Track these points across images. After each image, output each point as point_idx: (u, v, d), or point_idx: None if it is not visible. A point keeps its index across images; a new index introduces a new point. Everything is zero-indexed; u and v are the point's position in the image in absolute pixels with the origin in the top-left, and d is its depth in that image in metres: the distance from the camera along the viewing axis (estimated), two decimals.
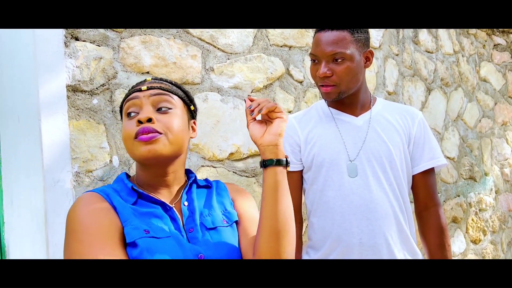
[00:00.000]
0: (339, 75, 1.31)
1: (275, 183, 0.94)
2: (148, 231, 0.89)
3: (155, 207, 0.96)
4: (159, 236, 0.90)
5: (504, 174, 3.47)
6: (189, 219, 0.98)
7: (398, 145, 1.39)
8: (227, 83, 1.68)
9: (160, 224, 0.93)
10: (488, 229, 3.21)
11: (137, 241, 0.87)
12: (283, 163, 0.96)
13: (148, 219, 0.93)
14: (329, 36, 1.31)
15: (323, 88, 1.34)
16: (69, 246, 0.86)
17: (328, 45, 1.30)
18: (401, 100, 2.55)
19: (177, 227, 0.95)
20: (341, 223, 1.35)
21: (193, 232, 0.96)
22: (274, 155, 0.96)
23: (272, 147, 0.96)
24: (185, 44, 1.57)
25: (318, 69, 1.32)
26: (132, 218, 0.91)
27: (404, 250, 1.39)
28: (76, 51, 1.32)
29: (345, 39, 1.30)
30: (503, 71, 3.58)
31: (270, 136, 0.96)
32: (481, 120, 3.29)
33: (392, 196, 1.37)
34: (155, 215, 0.94)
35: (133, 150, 0.93)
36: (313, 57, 1.35)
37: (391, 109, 1.46)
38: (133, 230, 0.88)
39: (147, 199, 0.97)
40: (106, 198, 0.93)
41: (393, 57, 2.50)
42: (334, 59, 1.30)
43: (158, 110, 0.96)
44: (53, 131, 1.25)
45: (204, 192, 1.07)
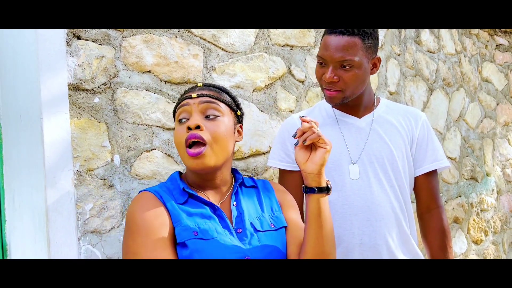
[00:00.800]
0: (345, 81, 1.30)
1: (317, 209, 0.99)
2: (196, 232, 0.95)
3: (204, 208, 1.02)
4: (206, 237, 0.95)
5: (506, 174, 3.46)
6: (238, 219, 1.04)
7: (400, 146, 1.38)
8: (228, 83, 1.68)
9: (208, 225, 0.98)
10: (490, 229, 3.20)
11: (187, 242, 0.94)
12: (324, 191, 1.00)
13: (198, 220, 0.98)
14: (339, 41, 1.27)
15: (328, 92, 1.33)
16: (125, 243, 0.96)
17: (338, 50, 1.27)
18: (402, 100, 2.54)
19: (226, 226, 1.01)
20: (341, 223, 1.35)
21: (241, 232, 1.01)
22: (316, 183, 1.00)
23: (314, 176, 0.99)
24: (186, 43, 1.57)
25: (325, 72, 1.31)
26: (182, 218, 0.97)
27: (404, 251, 1.39)
28: (78, 49, 1.32)
29: (355, 46, 1.27)
30: (505, 72, 3.57)
31: (313, 165, 0.99)
32: (483, 121, 3.28)
33: (393, 197, 1.37)
34: (204, 215, 1.00)
35: (184, 159, 1.02)
36: (320, 60, 1.32)
37: (395, 110, 1.45)
38: (183, 231, 0.95)
39: (197, 199, 1.03)
40: (159, 198, 1.00)
41: (395, 57, 2.50)
42: (342, 65, 1.28)
43: (206, 117, 1.02)
44: (54, 129, 1.25)
45: (252, 192, 1.12)
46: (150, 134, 1.46)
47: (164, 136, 1.49)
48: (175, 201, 1.01)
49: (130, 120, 1.42)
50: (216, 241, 0.95)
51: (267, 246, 1.01)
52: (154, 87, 1.48)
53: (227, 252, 0.94)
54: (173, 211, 0.98)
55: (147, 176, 1.44)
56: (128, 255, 0.94)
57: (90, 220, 1.31)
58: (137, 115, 1.43)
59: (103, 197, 1.34)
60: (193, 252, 0.93)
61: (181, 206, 1.00)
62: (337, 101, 1.34)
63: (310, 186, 1.00)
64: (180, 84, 1.55)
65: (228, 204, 1.07)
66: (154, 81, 1.48)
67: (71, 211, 1.26)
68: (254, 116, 1.75)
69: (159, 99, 1.48)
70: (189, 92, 1.09)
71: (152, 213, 0.96)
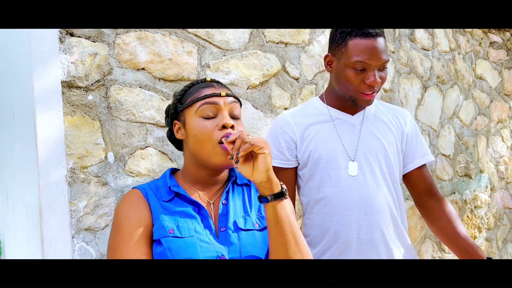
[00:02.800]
0: (383, 81, 1.34)
1: (275, 217, 0.95)
2: (172, 230, 0.96)
3: (188, 206, 1.02)
4: (183, 236, 0.96)
5: (500, 171, 3.48)
6: (223, 218, 1.04)
7: (392, 142, 1.42)
8: (223, 80, 1.68)
9: (188, 223, 0.99)
10: (483, 226, 3.22)
11: (162, 239, 0.95)
12: (280, 197, 0.95)
13: (178, 218, 0.99)
14: (379, 43, 1.28)
15: (367, 95, 1.33)
16: (109, 240, 0.98)
17: (382, 53, 1.29)
18: (397, 98, 2.55)
19: (207, 225, 1.01)
20: (339, 218, 1.36)
21: (224, 231, 1.01)
22: (269, 190, 0.95)
23: (264, 183, 0.95)
24: (180, 40, 1.57)
25: (365, 77, 1.30)
26: (162, 216, 0.98)
27: (399, 244, 1.41)
28: (71, 47, 1.31)
29: (386, 47, 1.32)
30: (499, 69, 3.59)
31: (259, 174, 0.94)
32: (476, 118, 3.30)
33: (388, 191, 1.40)
34: (186, 214, 1.00)
35: (212, 155, 1.00)
36: (360, 66, 1.29)
37: (384, 108, 1.51)
38: (160, 229, 0.97)
39: (183, 198, 1.04)
40: (144, 196, 1.02)
41: (389, 54, 2.50)
42: (382, 67, 1.31)
43: (231, 118, 1.04)
44: (48, 127, 1.25)
45: (244, 190, 1.13)
46: (144, 131, 1.46)
47: (158, 133, 1.48)
48: (160, 198, 1.02)
49: (124, 118, 1.42)
50: (191, 239, 0.96)
51: (246, 246, 0.99)
52: (148, 85, 1.48)
53: (202, 251, 0.95)
54: (154, 209, 1.00)
55: (141, 174, 1.44)
56: (110, 252, 0.96)
57: (84, 218, 1.31)
58: (131, 112, 1.43)
59: (97, 195, 1.33)
60: (166, 250, 0.94)
61: (165, 204, 1.01)
62: (372, 102, 1.37)
63: (264, 195, 0.95)
64: (174, 81, 1.54)
65: (219, 202, 1.08)
66: (148, 79, 1.48)
67: (65, 208, 1.26)
68: (249, 114, 1.76)
69: (153, 96, 1.48)
70: (208, 87, 1.06)
71: (134, 211, 0.98)
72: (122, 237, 0.95)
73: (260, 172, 0.94)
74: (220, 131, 1.00)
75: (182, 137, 1.09)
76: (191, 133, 1.03)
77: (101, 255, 1.33)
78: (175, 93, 1.14)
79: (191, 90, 1.09)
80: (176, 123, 1.10)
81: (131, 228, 0.95)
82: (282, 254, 0.94)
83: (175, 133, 1.11)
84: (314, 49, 2.03)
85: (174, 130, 1.11)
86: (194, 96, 1.06)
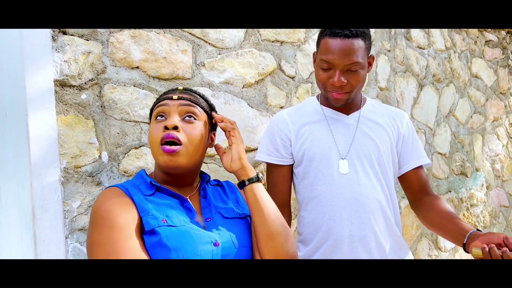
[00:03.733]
0: (353, 83, 1.31)
1: (254, 196, 1.07)
2: (165, 220, 0.98)
3: (171, 199, 1.05)
4: (176, 225, 0.98)
5: (495, 169, 3.49)
6: (206, 209, 1.09)
7: (386, 143, 1.43)
8: (218, 78, 1.67)
9: (176, 215, 1.01)
10: (479, 224, 3.23)
11: (156, 229, 0.96)
12: (255, 180, 1.09)
13: (165, 210, 1.01)
14: (346, 44, 1.26)
15: (335, 94, 1.34)
16: (91, 236, 0.95)
17: (346, 54, 1.26)
18: (393, 96, 2.55)
19: (193, 217, 1.04)
20: (331, 216, 1.37)
21: (210, 221, 1.06)
22: (245, 176, 1.10)
23: (240, 171, 1.11)
24: (175, 38, 1.56)
25: (331, 76, 1.31)
26: (150, 208, 0.99)
27: (391, 242, 1.42)
28: (64, 45, 1.30)
29: (360, 48, 1.27)
30: (495, 67, 3.59)
31: (235, 163, 1.11)
32: (472, 116, 3.30)
33: (380, 190, 1.40)
34: (172, 206, 1.03)
35: (157, 156, 1.05)
36: (325, 64, 1.30)
37: (380, 109, 1.51)
38: (151, 220, 0.97)
39: (165, 192, 1.06)
40: (125, 192, 1.02)
41: (385, 53, 2.50)
42: (349, 68, 1.29)
43: (183, 119, 1.07)
44: (40, 126, 1.23)
45: (218, 189, 1.19)
46: (138, 130, 1.45)
47: None
48: (142, 193, 1.03)
49: (118, 117, 1.40)
50: (184, 227, 0.98)
51: (236, 230, 1.06)
52: (142, 83, 1.47)
53: (196, 237, 0.97)
54: (140, 202, 1.00)
55: (135, 173, 1.42)
56: (93, 248, 0.94)
57: (77, 218, 1.30)
58: (125, 111, 1.42)
59: (90, 195, 1.32)
60: (163, 238, 0.94)
61: (149, 198, 1.03)
62: (342, 102, 1.36)
63: (243, 180, 1.10)
64: (168, 80, 1.53)
65: (197, 198, 1.12)
66: (142, 77, 1.47)
67: (58, 208, 1.25)
68: (244, 112, 1.75)
69: (148, 95, 1.47)
70: (169, 93, 1.12)
71: (118, 205, 0.97)
72: (109, 231, 0.93)
73: (235, 161, 1.11)
74: (163, 132, 1.04)
75: None
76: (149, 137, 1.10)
77: None
78: None
79: (160, 96, 1.15)
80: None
81: (118, 222, 0.94)
82: (267, 229, 1.03)
83: None
84: (309, 48, 2.02)
85: None
86: (157, 100, 1.12)
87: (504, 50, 3.70)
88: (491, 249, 1.12)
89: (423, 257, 2.73)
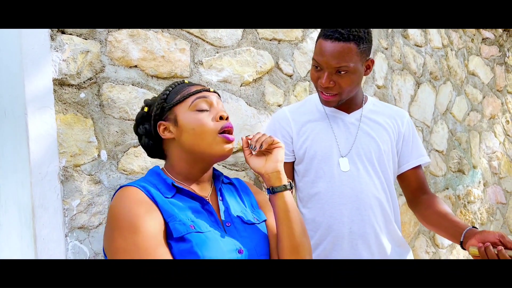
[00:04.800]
0: (341, 86, 1.32)
1: (285, 206, 1.03)
2: (193, 226, 0.94)
3: (193, 202, 1.01)
4: (203, 231, 0.95)
5: (492, 166, 3.51)
6: (226, 213, 1.05)
7: (386, 142, 1.44)
8: (216, 77, 1.68)
9: (200, 219, 0.98)
10: (477, 221, 3.25)
11: (186, 236, 0.92)
12: (289, 187, 1.05)
13: (190, 214, 0.97)
14: (335, 47, 1.26)
15: (324, 96, 1.35)
16: (114, 242, 0.90)
17: (334, 57, 1.27)
18: (390, 94, 2.56)
19: (215, 220, 1.01)
20: (331, 213, 1.38)
21: (230, 226, 1.02)
22: (279, 181, 1.04)
23: (276, 174, 1.04)
24: (173, 37, 1.56)
25: (320, 77, 1.32)
26: (176, 213, 0.95)
27: (390, 239, 1.44)
28: (63, 44, 1.30)
29: (350, 52, 1.27)
30: (491, 65, 3.61)
31: (273, 164, 1.05)
32: (469, 114, 3.32)
33: (380, 188, 1.42)
34: (194, 209, 1.00)
35: (212, 145, 1.02)
36: (315, 64, 1.33)
37: (381, 108, 1.52)
38: (180, 226, 0.93)
39: (185, 193, 1.02)
40: (147, 194, 0.96)
41: (382, 51, 2.51)
42: (338, 71, 1.29)
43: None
44: (40, 125, 1.24)
45: (231, 188, 1.16)
46: None
47: None
48: (162, 195, 0.99)
49: (117, 115, 1.41)
50: (210, 233, 0.95)
51: (256, 237, 1.03)
52: (141, 82, 1.47)
53: (223, 244, 0.95)
54: (163, 206, 0.96)
55: (134, 172, 1.43)
56: (118, 254, 0.89)
57: (77, 216, 1.30)
58: (123, 110, 1.42)
59: (90, 193, 1.33)
60: (194, 246, 0.92)
61: (171, 200, 0.99)
62: (332, 104, 1.38)
63: (275, 186, 1.04)
64: (167, 78, 1.54)
65: (215, 199, 1.08)
66: (140, 76, 1.47)
67: (58, 207, 1.25)
68: (243, 111, 1.75)
69: (146, 94, 1.48)
70: (192, 86, 1.10)
71: (141, 208, 0.92)
72: (136, 238, 0.88)
73: (273, 162, 1.05)
74: (218, 122, 1.03)
75: (171, 136, 1.07)
76: (187, 127, 1.03)
77: (94, 254, 1.33)
78: (148, 100, 1.16)
79: (176, 90, 1.10)
80: (162, 124, 1.08)
81: (145, 227, 0.89)
82: (294, 240, 1.00)
83: (161, 133, 1.08)
84: (307, 46, 2.03)
85: (160, 131, 1.08)
86: (184, 93, 1.07)
87: (501, 47, 3.72)
88: (487, 248, 1.14)
89: (421, 254, 2.74)
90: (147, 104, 1.15)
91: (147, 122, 1.13)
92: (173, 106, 1.07)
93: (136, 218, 0.90)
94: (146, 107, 1.14)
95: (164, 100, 1.09)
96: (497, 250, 1.13)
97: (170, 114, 1.07)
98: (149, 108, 1.13)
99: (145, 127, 1.13)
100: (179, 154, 1.07)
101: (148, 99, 1.18)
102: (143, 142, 1.14)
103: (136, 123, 1.17)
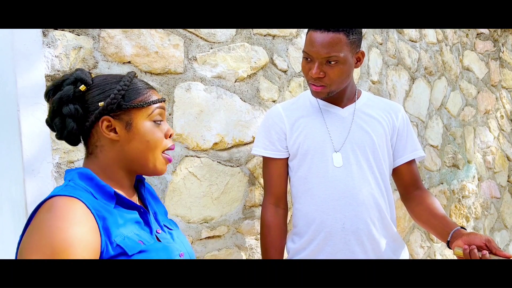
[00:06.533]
0: (331, 77, 1.32)
1: None
2: (142, 241, 0.89)
3: (133, 213, 0.94)
4: (149, 242, 0.90)
5: (487, 161, 3.52)
6: (155, 219, 1.00)
7: (381, 136, 1.44)
8: (210, 73, 1.67)
9: (142, 229, 0.93)
10: (471, 215, 3.27)
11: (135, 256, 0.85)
12: None
13: (133, 227, 0.91)
14: (324, 37, 1.28)
15: (314, 87, 1.36)
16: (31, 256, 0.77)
17: (323, 47, 1.28)
18: (385, 89, 2.56)
19: (150, 231, 0.95)
20: (324, 209, 1.38)
21: (160, 233, 0.97)
22: None
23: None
24: (167, 33, 1.56)
25: (311, 68, 1.33)
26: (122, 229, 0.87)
27: (385, 235, 1.43)
28: (55, 40, 1.30)
29: (340, 42, 1.29)
30: (486, 60, 3.62)
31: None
32: (464, 109, 3.33)
33: (374, 184, 1.41)
34: (136, 221, 0.93)
35: (156, 161, 0.95)
36: (306, 55, 1.34)
37: (375, 102, 1.52)
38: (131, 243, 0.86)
39: (125, 204, 0.93)
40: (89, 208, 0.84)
41: (377, 46, 2.51)
42: (328, 61, 1.30)
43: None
44: (32, 122, 1.23)
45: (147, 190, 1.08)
46: None
47: None
48: (103, 206, 0.88)
49: None
50: (155, 245, 0.92)
51: (186, 242, 1.03)
52: None
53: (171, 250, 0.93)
54: (107, 224, 0.86)
55: None
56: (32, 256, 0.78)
57: None
58: None
59: None
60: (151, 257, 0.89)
61: (113, 211, 0.89)
62: (322, 95, 1.38)
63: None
64: (161, 74, 1.53)
65: (141, 204, 1.03)
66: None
67: None
68: (237, 107, 1.75)
69: None
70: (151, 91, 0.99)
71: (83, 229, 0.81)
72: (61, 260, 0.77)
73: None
74: (167, 140, 0.97)
75: (115, 137, 0.92)
76: (141, 137, 0.93)
77: None
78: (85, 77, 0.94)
79: (136, 88, 0.96)
80: (108, 120, 0.92)
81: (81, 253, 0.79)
82: None
83: (103, 129, 0.92)
84: (301, 42, 2.03)
85: (102, 127, 0.92)
86: (146, 97, 0.95)
87: (496, 42, 3.73)
88: (472, 251, 1.14)
89: (416, 249, 2.76)
90: (85, 83, 0.93)
91: (79, 103, 0.92)
92: (132, 108, 0.93)
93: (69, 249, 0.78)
94: (84, 86, 0.92)
95: (122, 97, 0.93)
96: (481, 254, 1.13)
97: (124, 115, 0.93)
98: (87, 89, 0.93)
99: (76, 108, 0.91)
100: (116, 159, 0.94)
101: (81, 74, 0.94)
102: (67, 125, 0.91)
103: (60, 99, 0.91)
